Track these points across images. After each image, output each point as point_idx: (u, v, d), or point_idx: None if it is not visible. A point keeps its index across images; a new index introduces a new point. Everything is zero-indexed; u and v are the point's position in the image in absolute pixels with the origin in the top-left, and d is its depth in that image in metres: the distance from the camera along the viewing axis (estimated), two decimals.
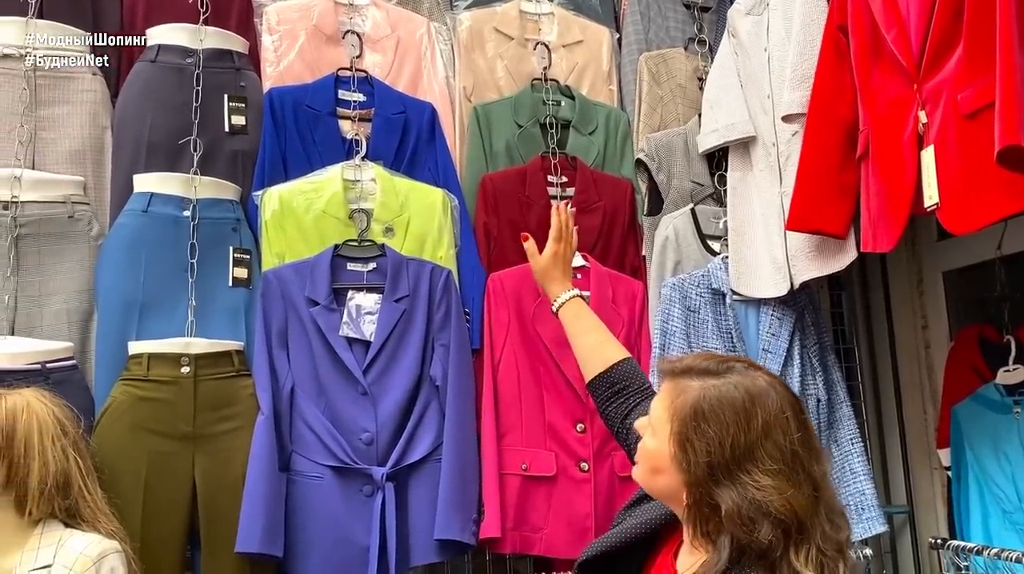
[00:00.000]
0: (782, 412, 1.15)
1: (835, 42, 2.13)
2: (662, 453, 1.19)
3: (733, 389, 1.16)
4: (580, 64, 2.70)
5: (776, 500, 1.09)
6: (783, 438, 1.14)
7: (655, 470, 1.22)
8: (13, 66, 2.15)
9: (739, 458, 1.12)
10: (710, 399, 1.16)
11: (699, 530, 1.16)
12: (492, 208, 2.45)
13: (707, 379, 1.18)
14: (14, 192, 2.05)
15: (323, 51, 2.44)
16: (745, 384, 1.17)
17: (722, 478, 1.12)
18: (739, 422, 1.13)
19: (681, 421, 1.16)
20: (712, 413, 1.15)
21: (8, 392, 1.74)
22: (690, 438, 1.15)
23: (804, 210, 2.15)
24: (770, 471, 1.11)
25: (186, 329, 2.10)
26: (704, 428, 1.14)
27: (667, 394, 1.21)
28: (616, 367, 1.64)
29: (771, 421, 1.14)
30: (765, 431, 1.13)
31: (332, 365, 2.14)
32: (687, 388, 1.19)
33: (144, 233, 2.11)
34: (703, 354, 1.26)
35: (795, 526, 1.10)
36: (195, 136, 2.21)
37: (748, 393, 1.15)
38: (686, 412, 1.16)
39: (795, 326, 2.41)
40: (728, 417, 1.14)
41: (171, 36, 2.27)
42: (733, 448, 1.12)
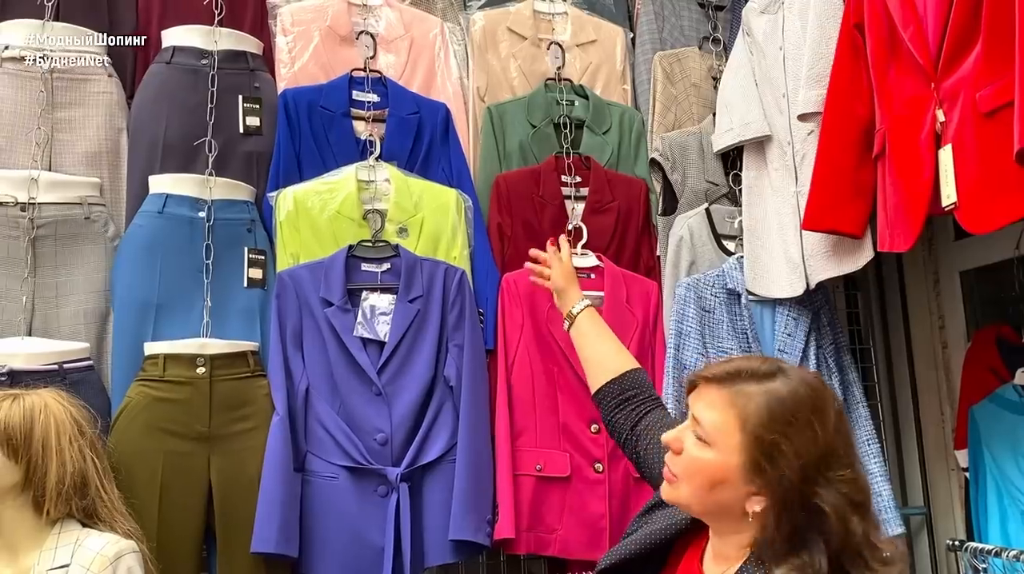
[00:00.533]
0: (837, 405, 1.16)
1: (851, 40, 2.11)
2: (727, 464, 1.13)
3: (799, 388, 1.13)
4: (594, 64, 2.69)
5: (863, 489, 1.11)
6: (846, 429, 1.15)
7: (714, 483, 1.15)
8: (30, 68, 2.16)
9: (827, 455, 1.10)
10: (785, 401, 1.12)
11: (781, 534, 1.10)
12: (506, 208, 2.44)
13: (766, 382, 1.14)
14: (31, 194, 2.06)
15: (337, 52, 2.44)
16: (806, 382, 1.15)
17: (818, 478, 1.09)
18: (821, 420, 1.11)
19: (760, 427, 1.11)
20: (792, 414, 1.11)
21: (26, 393, 1.75)
22: (777, 443, 1.10)
23: (820, 210, 2.14)
24: (848, 463, 1.11)
25: (201, 330, 2.11)
26: (789, 431, 1.10)
27: (721, 401, 1.15)
28: (627, 375, 1.61)
29: (836, 415, 1.14)
30: (836, 426, 1.13)
31: (347, 366, 2.15)
32: (747, 393, 1.14)
33: (160, 234, 2.12)
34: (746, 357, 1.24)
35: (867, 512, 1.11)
36: (210, 137, 2.22)
37: (812, 390, 1.14)
38: (763, 417, 1.11)
39: (811, 326, 2.40)
40: (806, 417, 1.11)
41: (186, 38, 2.28)
42: (821, 446, 1.10)
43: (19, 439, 1.68)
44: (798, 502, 1.09)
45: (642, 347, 2.37)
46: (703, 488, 1.16)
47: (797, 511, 1.10)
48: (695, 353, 2.32)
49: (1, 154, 2.12)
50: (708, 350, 2.35)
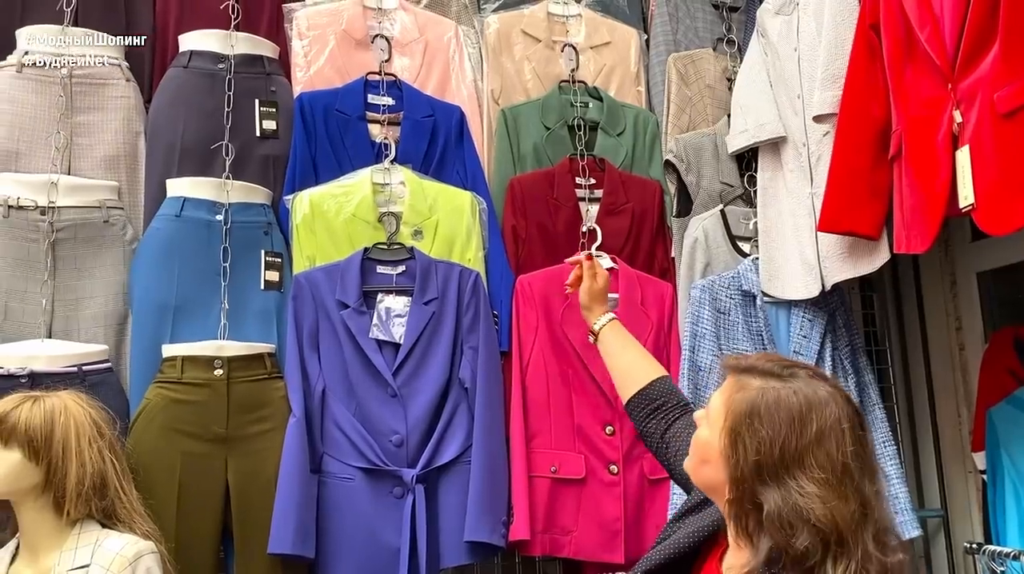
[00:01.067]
0: (839, 423, 1.14)
1: (867, 41, 2.11)
2: (712, 445, 1.20)
3: (792, 394, 1.15)
4: (608, 66, 2.69)
5: (818, 508, 1.08)
6: (836, 449, 1.12)
7: (703, 460, 1.23)
8: (49, 73, 2.19)
9: (788, 462, 1.11)
10: (768, 400, 1.15)
11: (739, 527, 1.15)
12: (520, 210, 2.45)
13: (769, 380, 1.18)
14: (51, 198, 2.08)
15: (352, 55, 2.46)
16: (806, 391, 1.16)
17: (768, 479, 1.12)
18: (793, 426, 1.13)
19: (735, 417, 1.16)
20: (767, 414, 1.14)
21: (46, 395, 1.77)
22: (741, 434, 1.15)
23: (836, 211, 2.13)
24: (817, 479, 1.10)
25: (219, 332, 2.12)
26: (757, 427, 1.14)
27: (727, 389, 1.21)
28: (655, 384, 1.63)
29: (826, 430, 1.13)
30: (818, 439, 1.12)
31: (362, 367, 2.16)
32: (747, 386, 1.18)
33: (177, 237, 2.14)
34: (771, 355, 1.26)
35: (835, 538, 1.08)
36: (227, 141, 2.24)
37: (807, 400, 1.15)
38: (742, 409, 1.16)
39: (826, 328, 2.39)
40: (783, 419, 1.13)
41: (203, 42, 2.30)
42: (783, 451, 1.12)
43: (40, 441, 1.70)
44: (748, 497, 1.13)
45: (657, 349, 2.37)
46: (696, 462, 1.25)
47: (745, 504, 1.14)
48: (710, 355, 2.32)
49: (21, 158, 2.14)
50: (723, 352, 2.34)
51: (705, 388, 2.31)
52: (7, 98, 2.16)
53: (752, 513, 1.13)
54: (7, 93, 2.16)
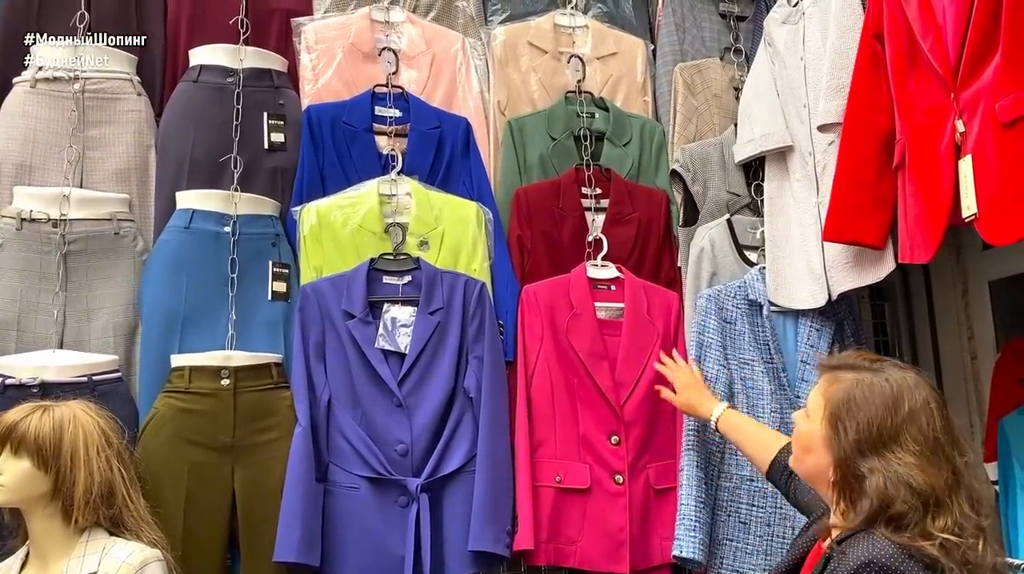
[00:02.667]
0: (927, 404, 1.31)
1: (871, 51, 2.10)
2: (813, 434, 1.38)
3: (884, 381, 1.33)
4: (614, 76, 2.70)
5: (917, 475, 1.24)
6: (927, 426, 1.29)
7: (805, 449, 1.41)
8: (63, 88, 2.23)
9: (886, 438, 1.28)
10: (863, 388, 1.33)
11: (845, 499, 1.31)
12: (526, 221, 2.46)
13: (861, 372, 1.35)
14: (63, 210, 2.12)
15: (360, 68, 2.48)
16: (896, 377, 1.33)
17: (869, 453, 1.28)
18: (888, 407, 1.30)
19: (835, 404, 1.34)
20: (863, 399, 1.32)
21: (56, 404, 1.80)
22: (842, 418, 1.32)
23: (841, 221, 2.13)
24: (913, 452, 1.27)
25: (226, 342, 2.15)
26: (855, 410, 1.31)
27: (823, 384, 1.40)
28: (783, 451, 1.78)
29: (917, 410, 1.30)
30: (911, 417, 1.29)
31: (368, 377, 2.17)
32: (841, 379, 1.36)
33: (186, 249, 2.17)
34: (861, 353, 1.44)
35: (932, 500, 1.24)
36: (235, 154, 2.27)
37: (898, 385, 1.32)
38: (839, 397, 1.34)
39: (834, 337, 2.38)
40: (878, 402, 1.31)
41: (212, 57, 2.34)
42: (881, 429, 1.29)
43: (49, 450, 1.73)
44: (852, 470, 1.30)
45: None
46: (801, 451, 1.42)
47: (850, 478, 1.30)
48: (716, 364, 2.32)
49: (35, 172, 2.18)
50: (729, 361, 2.34)
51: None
52: (21, 113, 2.20)
53: (855, 485, 1.29)
54: (21, 108, 2.20)
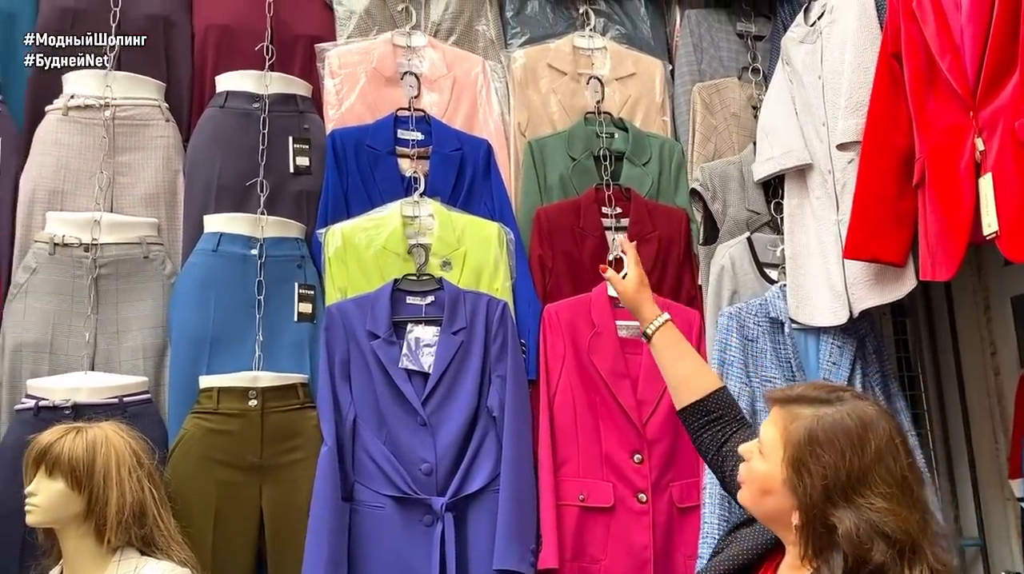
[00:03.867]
0: (892, 439, 1.22)
1: (889, 70, 2.12)
2: (773, 476, 1.26)
3: (846, 417, 1.23)
4: (633, 96, 2.73)
5: (891, 521, 1.16)
6: (894, 463, 1.20)
7: (764, 492, 1.28)
8: (94, 116, 2.29)
9: (854, 482, 1.19)
10: (824, 426, 1.22)
11: (811, 549, 1.21)
12: (547, 240, 2.48)
13: (820, 407, 1.25)
14: (94, 235, 2.17)
15: (382, 92, 2.53)
16: (857, 412, 1.23)
17: (838, 500, 1.18)
18: (853, 447, 1.20)
19: (796, 446, 1.23)
20: (827, 439, 1.21)
21: (88, 426, 1.84)
22: (805, 462, 1.21)
23: (861, 238, 2.13)
24: (884, 494, 1.18)
25: (253, 363, 2.18)
26: (819, 453, 1.21)
27: (779, 420, 1.29)
28: (713, 395, 1.67)
29: (883, 447, 1.20)
30: (878, 456, 1.20)
31: (392, 397, 2.20)
32: (799, 415, 1.26)
33: (214, 271, 2.21)
34: (814, 383, 1.36)
35: (908, 546, 1.16)
36: (261, 178, 2.31)
37: (861, 421, 1.22)
38: (801, 437, 1.23)
39: (856, 354, 2.38)
40: (843, 443, 1.20)
41: (239, 83, 2.38)
42: (849, 472, 1.19)
43: (82, 470, 1.77)
44: (820, 519, 1.20)
45: None
46: (757, 494, 1.30)
47: (818, 527, 1.20)
48: (738, 383, 2.32)
49: (67, 197, 2.23)
50: (751, 380, 2.34)
51: None
52: (53, 140, 2.25)
53: (824, 535, 1.19)
54: (54, 135, 2.26)
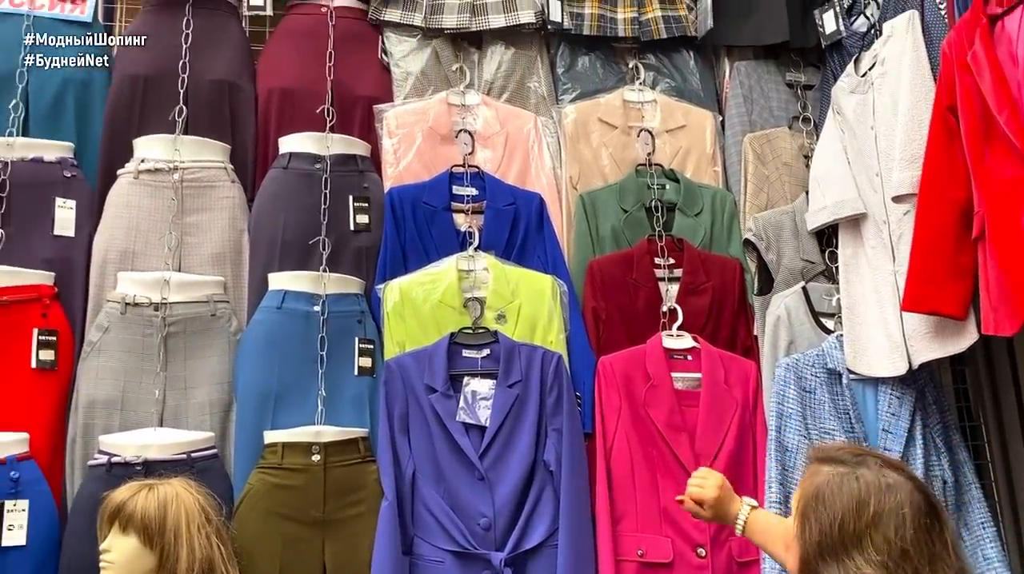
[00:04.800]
0: (899, 508, 1.23)
1: (944, 123, 2.11)
2: (790, 529, 1.34)
3: (855, 479, 1.27)
4: (684, 148, 2.76)
5: None
6: (894, 534, 1.22)
7: (786, 547, 1.36)
8: (163, 179, 2.38)
9: (847, 542, 1.22)
10: (833, 485, 1.28)
11: None
12: (600, 292, 2.51)
13: (837, 467, 1.31)
14: (164, 294, 2.25)
15: (438, 150, 2.59)
16: (868, 477, 1.27)
17: (829, 559, 1.23)
18: (851, 509, 1.24)
19: (805, 500, 1.30)
20: (830, 496, 1.26)
21: (159, 483, 1.90)
22: (808, 516, 1.28)
23: (920, 291, 2.12)
24: (874, 561, 1.20)
25: (316, 417, 2.23)
26: (820, 509, 1.26)
27: (805, 476, 1.35)
28: None
29: (884, 515, 1.23)
30: (875, 522, 1.22)
31: (450, 450, 2.22)
32: (819, 472, 1.32)
33: (278, 328, 2.27)
34: (849, 446, 1.42)
35: None
36: (323, 236, 2.38)
37: (867, 485, 1.26)
38: (809, 492, 1.30)
39: (916, 405, 2.35)
40: (843, 503, 1.25)
41: (301, 144, 2.47)
42: (842, 531, 1.23)
43: (154, 528, 1.82)
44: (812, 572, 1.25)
45: (742, 429, 2.37)
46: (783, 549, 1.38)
47: None
48: (797, 434, 2.31)
49: (137, 258, 2.32)
50: (810, 431, 2.33)
51: (793, 469, 2.29)
52: (125, 203, 2.35)
53: None
54: (125, 198, 2.36)
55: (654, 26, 2.85)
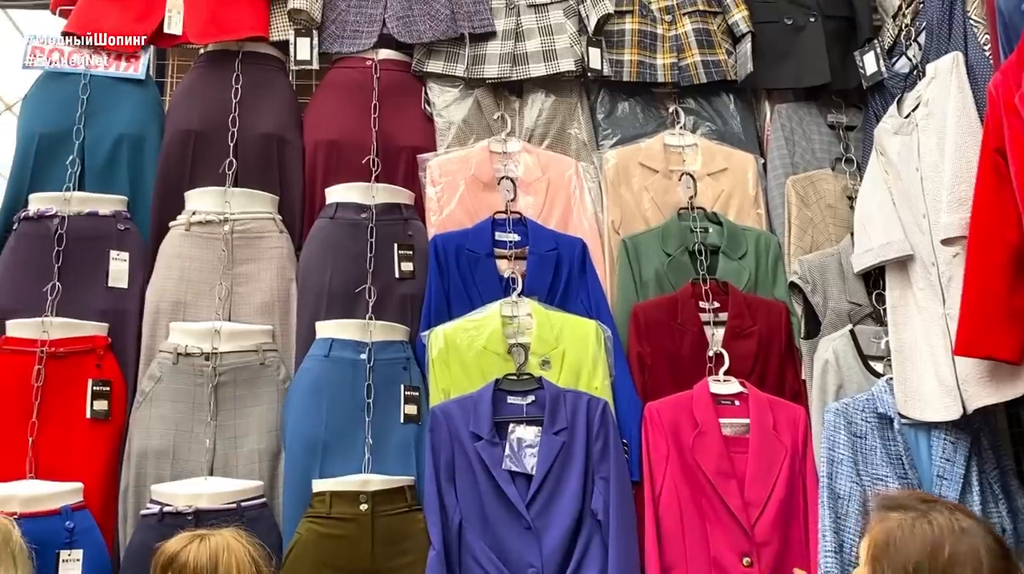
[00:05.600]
0: (975, 552, 1.24)
1: (993, 165, 2.09)
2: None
3: (928, 523, 1.29)
4: (726, 191, 2.76)
5: None
6: None
7: None
8: (214, 230, 2.44)
9: None
10: (905, 530, 1.29)
11: None
12: (645, 337, 2.50)
13: (907, 512, 1.32)
14: (214, 344, 2.29)
15: (481, 197, 2.62)
16: (941, 521, 1.29)
17: None
18: (926, 551, 1.25)
19: (876, 546, 1.31)
20: (903, 541, 1.28)
21: (210, 533, 1.91)
22: (880, 561, 1.29)
23: (973, 335, 2.08)
24: None
25: (363, 466, 2.24)
26: (893, 554, 1.28)
27: (873, 524, 1.37)
28: None
29: (960, 557, 1.24)
30: (952, 565, 1.23)
31: (497, 499, 2.22)
32: (887, 518, 1.34)
33: (326, 376, 2.30)
34: (916, 492, 1.46)
35: None
36: (369, 284, 2.41)
37: (941, 528, 1.27)
38: (881, 538, 1.31)
39: (971, 450, 2.29)
40: (917, 546, 1.26)
41: (347, 195, 2.52)
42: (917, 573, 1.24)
43: None
44: None
45: (792, 475, 2.33)
46: None
47: None
48: (849, 481, 2.26)
49: (188, 308, 2.37)
50: (862, 478, 2.28)
51: (846, 517, 2.24)
52: (177, 254, 2.41)
53: None
54: (177, 249, 2.41)
55: (693, 71, 2.86)
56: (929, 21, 2.54)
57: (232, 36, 2.65)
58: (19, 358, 2.22)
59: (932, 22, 2.52)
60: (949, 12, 2.47)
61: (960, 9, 2.45)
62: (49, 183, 2.48)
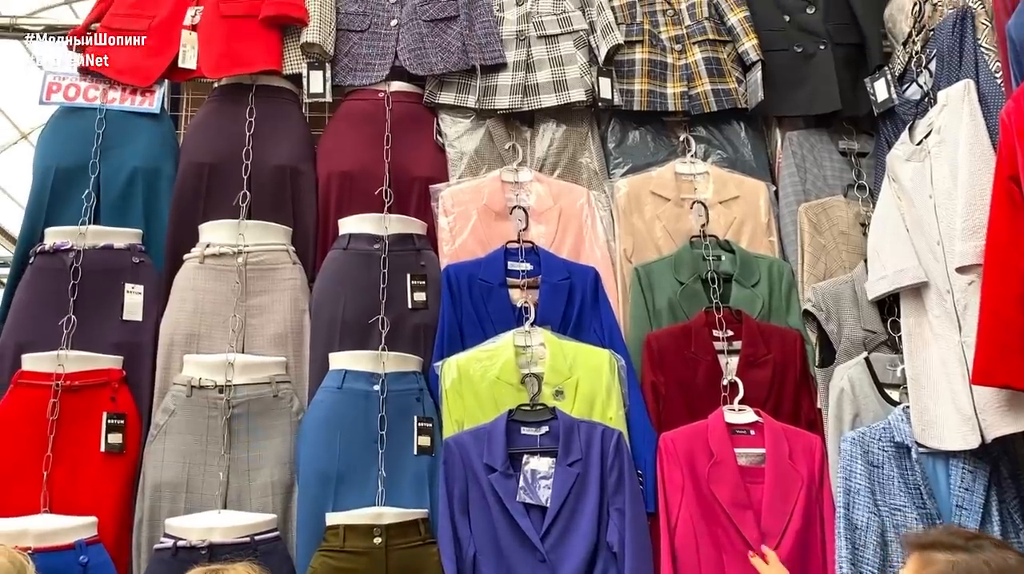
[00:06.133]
0: None
1: (1007, 192, 2.08)
2: None
3: (983, 564, 1.25)
4: (738, 219, 2.75)
5: None
6: None
7: None
8: (227, 263, 2.45)
9: None
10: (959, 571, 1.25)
11: None
12: (658, 366, 2.49)
13: (956, 553, 1.28)
14: (228, 376, 2.29)
15: (493, 227, 2.63)
16: (996, 561, 1.25)
17: None
18: None
19: None
20: None
21: (224, 567, 1.89)
22: None
23: (990, 364, 2.06)
24: None
25: (376, 498, 2.23)
26: None
27: (913, 566, 1.32)
28: None
29: None
30: None
31: (511, 532, 2.20)
32: (934, 561, 1.28)
33: (339, 407, 2.29)
34: (952, 528, 1.40)
35: None
36: (382, 315, 2.41)
37: (999, 568, 1.24)
38: None
39: (990, 479, 2.26)
40: None
41: (360, 226, 2.53)
42: None
43: None
44: None
45: (809, 505, 2.31)
46: None
47: None
48: (866, 511, 2.24)
49: (202, 340, 2.38)
50: (880, 508, 2.26)
51: (863, 547, 2.22)
52: (191, 286, 2.42)
53: None
54: (191, 282, 2.43)
55: (704, 99, 2.87)
56: (940, 48, 2.55)
57: (246, 70, 2.68)
58: (35, 392, 2.23)
59: (943, 49, 2.52)
60: (960, 39, 2.47)
61: (971, 36, 2.45)
62: (65, 217, 2.51)
